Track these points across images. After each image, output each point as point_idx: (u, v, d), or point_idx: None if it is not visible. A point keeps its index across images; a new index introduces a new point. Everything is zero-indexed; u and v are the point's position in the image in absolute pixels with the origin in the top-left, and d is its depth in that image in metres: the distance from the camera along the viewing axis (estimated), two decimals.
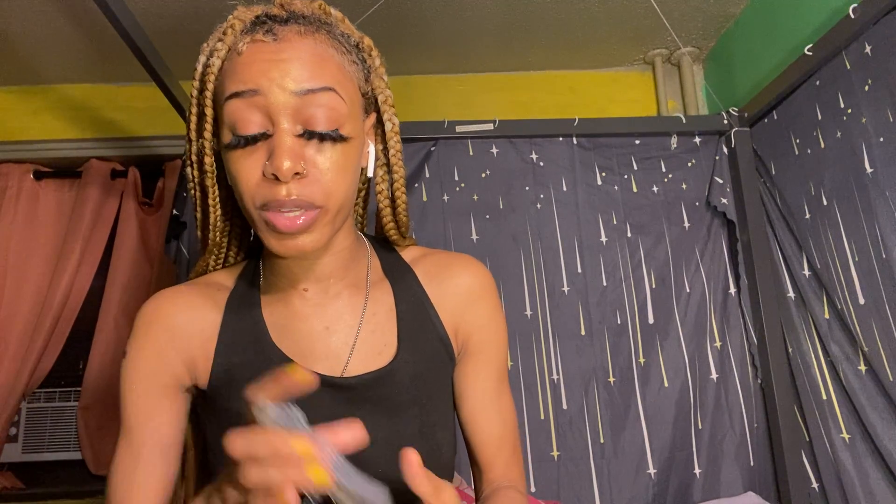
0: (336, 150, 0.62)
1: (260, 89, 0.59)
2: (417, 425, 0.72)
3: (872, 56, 1.25)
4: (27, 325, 1.97)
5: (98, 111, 2.07)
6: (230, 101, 0.61)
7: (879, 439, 1.28)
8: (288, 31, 0.61)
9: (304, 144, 0.61)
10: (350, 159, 0.64)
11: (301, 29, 0.62)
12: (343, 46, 0.65)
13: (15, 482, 2.01)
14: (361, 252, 0.77)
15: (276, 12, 0.63)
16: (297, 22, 0.63)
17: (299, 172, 0.59)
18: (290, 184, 0.59)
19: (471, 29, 1.88)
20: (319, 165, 0.61)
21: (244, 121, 0.60)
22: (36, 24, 1.74)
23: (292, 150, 0.59)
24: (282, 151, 0.58)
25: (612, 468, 1.59)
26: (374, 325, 0.73)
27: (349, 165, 0.64)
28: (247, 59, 0.61)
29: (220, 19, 0.66)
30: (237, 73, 0.61)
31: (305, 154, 0.60)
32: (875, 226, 1.25)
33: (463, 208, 1.72)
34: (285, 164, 0.58)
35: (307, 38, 0.62)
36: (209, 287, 0.75)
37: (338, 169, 0.62)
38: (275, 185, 0.60)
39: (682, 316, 1.68)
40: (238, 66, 0.61)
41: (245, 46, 0.61)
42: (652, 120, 1.88)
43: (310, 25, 0.63)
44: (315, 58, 0.61)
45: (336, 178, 0.62)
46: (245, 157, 0.61)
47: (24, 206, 2.05)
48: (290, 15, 0.63)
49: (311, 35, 0.62)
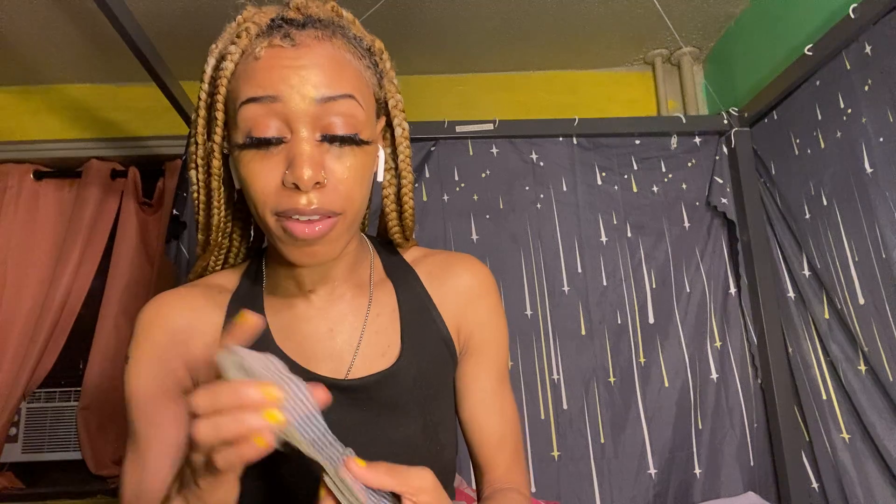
0: (354, 155, 0.61)
1: (279, 96, 0.58)
2: (420, 426, 0.71)
3: (872, 56, 1.25)
4: (27, 325, 1.97)
5: (98, 111, 2.07)
6: (247, 106, 0.60)
7: (879, 439, 1.28)
8: (306, 37, 0.61)
9: (324, 151, 0.60)
10: (367, 165, 0.64)
11: (319, 34, 0.61)
12: (358, 51, 0.64)
13: (15, 482, 2.01)
14: (365, 253, 0.77)
15: (293, 16, 0.62)
16: (314, 26, 0.62)
17: (320, 182, 0.59)
18: (311, 193, 0.59)
19: (471, 29, 1.88)
20: (338, 173, 0.60)
21: (261, 125, 0.59)
22: (36, 24, 1.74)
23: (312, 158, 0.58)
24: (302, 161, 0.58)
25: (613, 468, 1.59)
26: (377, 327, 0.73)
27: (367, 171, 0.64)
28: (265, 64, 0.60)
29: (220, 20, 0.66)
30: (254, 79, 0.60)
31: (324, 161, 0.60)
32: (875, 226, 1.25)
33: (463, 208, 1.72)
34: (307, 174, 0.57)
35: (325, 44, 0.61)
36: (210, 289, 0.74)
37: (356, 175, 0.62)
38: (295, 194, 0.59)
39: (682, 316, 1.68)
40: (256, 72, 0.60)
41: (263, 51, 0.60)
42: (652, 120, 1.88)
43: (326, 29, 0.62)
44: (334, 64, 0.61)
45: (354, 186, 0.61)
46: (259, 161, 0.60)
47: (24, 206, 2.05)
48: (307, 19, 0.62)
49: (328, 40, 0.61)
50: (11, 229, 2.02)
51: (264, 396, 0.46)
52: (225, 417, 0.46)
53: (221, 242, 0.75)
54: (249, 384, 0.47)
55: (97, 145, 2.05)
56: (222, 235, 0.73)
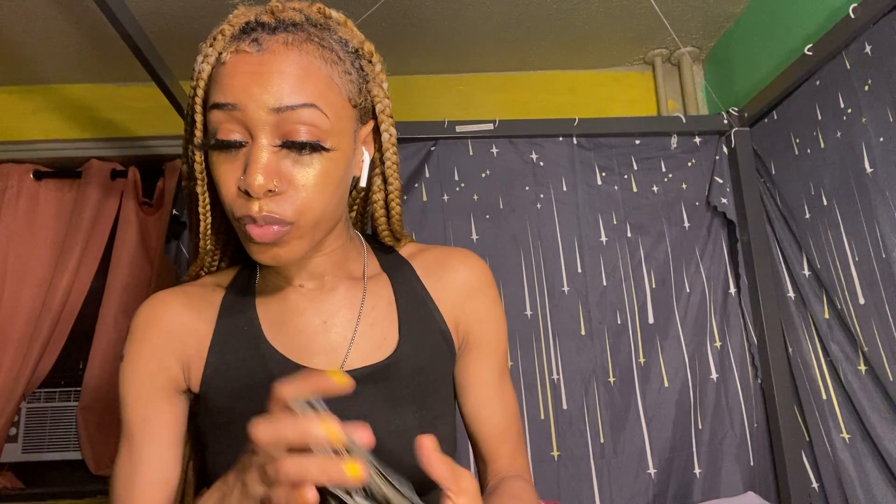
0: (316, 162, 0.61)
1: (238, 104, 0.59)
2: (418, 419, 0.71)
3: (872, 56, 1.25)
4: (27, 325, 1.97)
5: (98, 111, 2.07)
6: (212, 111, 0.61)
7: (879, 439, 1.28)
8: (274, 42, 0.60)
9: (283, 157, 0.60)
10: (332, 172, 0.62)
11: (288, 38, 0.61)
12: (335, 55, 0.63)
13: (15, 482, 2.01)
14: (357, 250, 0.77)
15: (266, 19, 0.62)
16: (285, 30, 0.61)
17: (272, 190, 0.59)
18: (262, 200, 0.59)
19: (471, 29, 1.88)
20: (296, 181, 0.60)
21: (224, 130, 0.60)
22: (36, 24, 1.74)
23: (267, 166, 0.58)
24: (255, 168, 0.58)
25: (612, 468, 1.59)
26: (373, 319, 0.73)
27: (331, 179, 0.63)
28: (230, 70, 0.60)
29: (220, 20, 0.66)
30: (219, 84, 0.60)
31: (282, 168, 0.60)
32: (875, 226, 1.25)
33: (463, 208, 1.72)
34: (257, 181, 0.58)
35: (292, 51, 0.60)
36: (205, 287, 0.75)
37: (315, 184, 0.61)
38: (248, 200, 0.60)
39: (682, 316, 1.68)
40: (221, 77, 0.61)
41: (228, 56, 0.61)
42: (652, 120, 1.88)
43: (299, 34, 0.61)
44: (298, 71, 0.60)
45: (312, 195, 0.61)
46: (223, 164, 0.61)
47: (24, 206, 2.05)
48: (279, 23, 0.61)
49: (297, 47, 0.61)
50: (11, 229, 2.02)
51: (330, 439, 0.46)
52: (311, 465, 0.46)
53: (213, 250, 0.75)
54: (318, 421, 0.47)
55: (97, 145, 2.05)
56: (211, 243, 0.74)
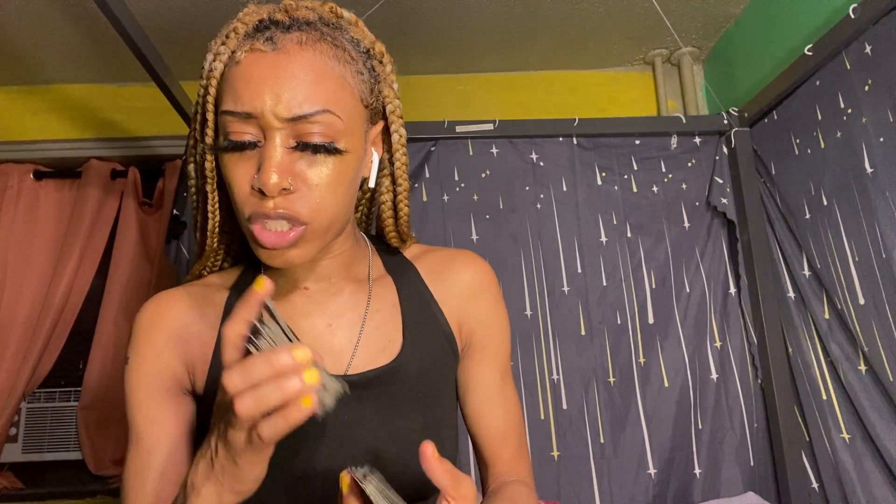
0: (329, 163, 0.61)
1: (253, 112, 0.59)
2: (421, 422, 0.71)
3: (872, 56, 1.25)
4: (27, 325, 1.97)
5: (98, 111, 2.08)
6: (224, 115, 0.61)
7: (879, 439, 1.28)
8: (288, 41, 0.60)
9: (297, 157, 0.60)
10: (344, 173, 0.63)
11: (302, 37, 0.61)
12: (348, 55, 0.63)
13: (15, 482, 2.01)
14: (362, 251, 0.77)
15: (280, 17, 0.62)
16: (299, 29, 0.61)
17: (286, 188, 0.59)
18: (277, 199, 0.59)
19: (471, 29, 1.88)
20: (309, 181, 0.60)
21: (237, 133, 0.60)
22: (36, 24, 1.74)
23: (281, 164, 0.58)
24: (270, 166, 0.58)
25: (612, 468, 1.59)
26: (377, 322, 0.73)
27: (343, 179, 0.63)
28: (243, 71, 0.60)
29: (221, 20, 0.66)
30: (233, 88, 0.60)
31: (296, 168, 0.60)
32: (875, 226, 1.25)
33: (463, 208, 1.72)
34: (272, 179, 0.58)
35: (306, 50, 0.60)
36: (208, 288, 0.74)
37: (329, 184, 0.61)
38: (262, 199, 0.59)
39: (682, 316, 1.68)
40: (235, 79, 0.60)
41: (243, 55, 0.60)
42: (652, 120, 1.88)
43: (312, 33, 0.61)
44: (312, 74, 0.60)
45: (326, 195, 0.61)
46: (236, 164, 0.61)
47: (24, 206, 2.06)
48: (293, 22, 0.61)
49: (311, 46, 0.61)
50: (11, 229, 2.02)
51: (297, 359, 0.47)
52: (265, 388, 0.46)
53: (217, 248, 0.75)
54: (280, 351, 0.47)
55: (97, 145, 2.05)
56: (218, 241, 0.73)
